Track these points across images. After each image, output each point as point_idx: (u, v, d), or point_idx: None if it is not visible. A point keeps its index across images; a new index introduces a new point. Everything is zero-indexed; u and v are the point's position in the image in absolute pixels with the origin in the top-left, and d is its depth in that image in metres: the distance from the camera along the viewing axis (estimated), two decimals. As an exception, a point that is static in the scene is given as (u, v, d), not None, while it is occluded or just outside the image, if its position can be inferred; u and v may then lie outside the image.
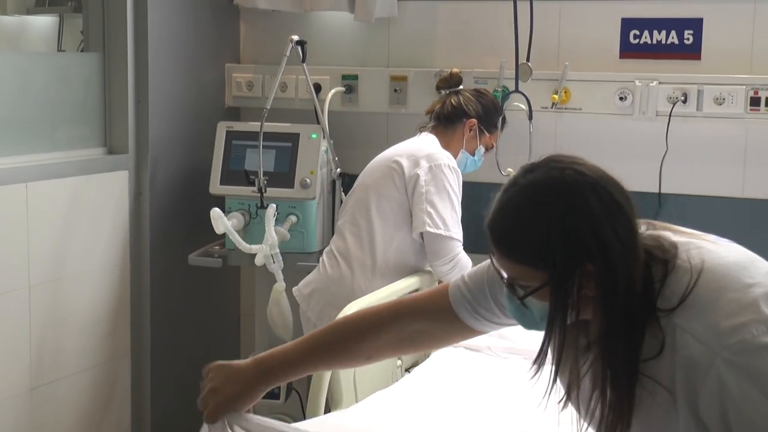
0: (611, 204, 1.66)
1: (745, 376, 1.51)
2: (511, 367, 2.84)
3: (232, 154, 3.63)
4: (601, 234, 1.63)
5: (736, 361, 1.51)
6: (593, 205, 1.65)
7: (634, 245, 1.64)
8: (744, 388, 1.50)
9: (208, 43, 3.92)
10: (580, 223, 1.63)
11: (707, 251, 1.66)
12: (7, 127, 3.19)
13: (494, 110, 3.39)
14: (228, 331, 4.14)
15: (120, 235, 3.53)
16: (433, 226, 3.14)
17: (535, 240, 1.66)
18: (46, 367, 3.24)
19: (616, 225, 1.64)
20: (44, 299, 3.22)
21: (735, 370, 1.51)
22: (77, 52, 3.57)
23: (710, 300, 1.58)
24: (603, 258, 1.61)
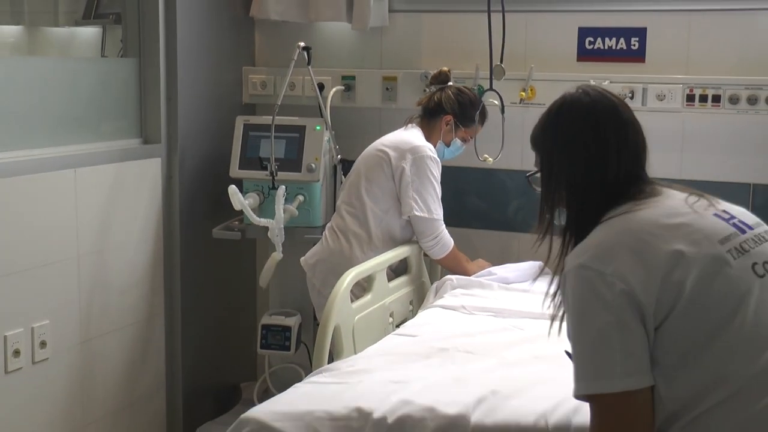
0: (593, 140, 1.86)
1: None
2: (480, 321, 2.89)
3: (249, 144, 3.64)
4: (563, 147, 1.88)
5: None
6: (573, 131, 1.87)
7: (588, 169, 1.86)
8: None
9: (227, 48, 3.92)
10: (556, 134, 1.90)
11: (630, 214, 1.80)
12: (59, 121, 3.20)
13: (471, 107, 3.38)
14: (246, 293, 4.15)
15: (154, 213, 3.54)
16: (419, 210, 3.19)
17: (537, 132, 1.94)
18: (93, 324, 3.26)
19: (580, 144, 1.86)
20: (91, 266, 3.24)
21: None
22: (117, 58, 3.58)
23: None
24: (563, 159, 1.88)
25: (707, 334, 1.67)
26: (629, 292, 1.67)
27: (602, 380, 1.67)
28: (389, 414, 2.11)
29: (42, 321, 3.02)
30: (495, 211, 3.80)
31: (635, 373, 1.66)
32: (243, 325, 4.07)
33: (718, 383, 1.65)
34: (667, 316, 1.68)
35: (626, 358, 1.66)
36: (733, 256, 1.73)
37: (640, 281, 1.68)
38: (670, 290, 1.68)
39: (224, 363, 3.96)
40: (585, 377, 1.70)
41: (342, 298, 2.77)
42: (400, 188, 3.22)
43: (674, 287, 1.68)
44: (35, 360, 3.01)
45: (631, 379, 1.65)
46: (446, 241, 3.28)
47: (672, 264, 1.68)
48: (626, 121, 1.89)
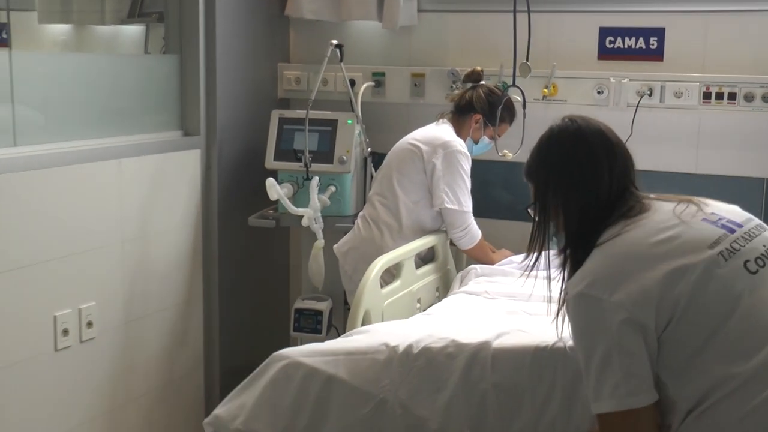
0: (585, 160, 1.90)
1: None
2: (501, 305, 2.90)
3: (283, 136, 3.65)
4: (561, 176, 1.92)
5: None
6: (565, 156, 1.92)
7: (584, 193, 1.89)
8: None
9: (263, 46, 3.94)
10: (550, 161, 1.94)
11: (622, 236, 1.83)
12: (105, 114, 3.23)
13: (502, 109, 3.35)
14: (280, 279, 4.17)
15: (193, 201, 3.56)
16: (449, 202, 3.20)
17: (530, 163, 1.98)
18: (136, 306, 3.30)
19: (576, 172, 1.90)
20: (134, 252, 3.27)
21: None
22: (160, 55, 3.60)
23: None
24: (559, 190, 1.92)
25: (706, 337, 1.71)
26: (628, 317, 1.72)
27: (610, 400, 1.72)
28: (415, 344, 2.15)
29: (89, 302, 3.06)
30: (517, 203, 3.80)
31: (638, 392, 1.71)
32: (277, 309, 4.09)
33: (722, 381, 1.69)
34: (667, 326, 1.73)
35: (629, 379, 1.71)
36: (724, 257, 1.75)
37: (638, 304, 1.72)
38: (667, 305, 1.72)
39: (259, 344, 3.96)
40: (595, 400, 1.76)
41: (372, 284, 2.78)
42: (431, 181, 3.23)
43: (671, 301, 1.72)
44: (82, 339, 3.04)
45: (634, 398, 1.71)
46: (474, 233, 3.29)
47: (666, 281, 1.72)
48: (613, 141, 1.95)
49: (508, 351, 2.08)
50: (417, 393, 2.12)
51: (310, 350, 2.25)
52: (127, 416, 3.30)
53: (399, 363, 2.15)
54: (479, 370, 2.08)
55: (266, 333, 4.03)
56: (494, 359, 2.07)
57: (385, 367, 2.15)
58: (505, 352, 2.08)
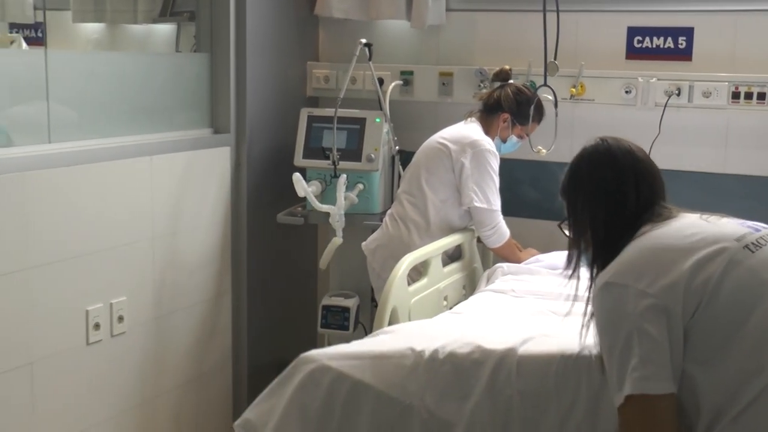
0: (612, 178, 1.94)
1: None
2: (527, 303, 2.89)
3: (312, 134, 3.66)
4: (589, 196, 1.95)
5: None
6: (594, 174, 1.95)
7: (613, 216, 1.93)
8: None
9: (292, 45, 3.95)
10: (580, 179, 1.97)
11: (649, 233, 1.87)
12: (137, 111, 3.25)
13: (528, 107, 3.34)
14: (307, 276, 4.17)
15: (223, 198, 3.57)
16: (478, 201, 3.20)
17: (563, 181, 2.00)
18: (165, 301, 3.31)
19: (606, 194, 1.94)
20: (164, 247, 3.28)
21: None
22: (191, 53, 3.62)
23: None
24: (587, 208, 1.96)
25: (736, 324, 1.71)
26: (653, 302, 1.72)
27: (626, 384, 1.72)
28: (440, 349, 2.16)
29: (120, 297, 3.08)
30: (544, 201, 3.80)
31: (653, 378, 1.71)
32: (304, 305, 4.10)
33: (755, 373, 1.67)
34: (695, 312, 1.72)
35: (646, 364, 1.71)
36: (750, 249, 1.77)
37: (664, 288, 1.73)
38: (696, 290, 1.72)
39: (286, 340, 3.98)
40: (616, 389, 1.75)
41: (400, 281, 2.79)
42: (460, 181, 3.23)
43: (699, 286, 1.73)
44: (113, 333, 3.07)
45: (649, 383, 1.70)
46: (503, 231, 3.29)
47: (694, 267, 1.73)
48: (642, 160, 1.98)
49: (534, 358, 2.08)
50: (443, 398, 2.13)
51: (337, 353, 2.26)
52: (156, 410, 3.32)
53: (425, 368, 2.16)
54: (505, 376, 2.09)
55: (294, 329, 4.04)
56: (520, 366, 2.08)
57: (411, 373, 2.16)
58: (530, 360, 2.08)
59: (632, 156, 1.97)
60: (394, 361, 2.17)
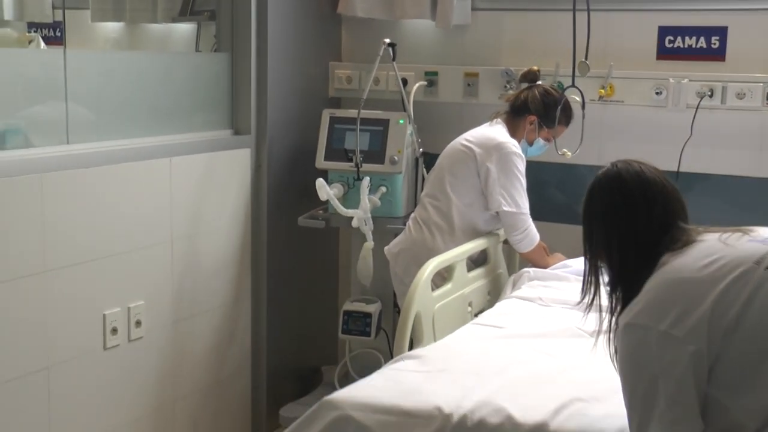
0: (621, 203, 1.93)
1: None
2: (555, 312, 2.86)
3: (334, 136, 3.65)
4: (608, 226, 1.94)
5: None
6: (604, 200, 1.95)
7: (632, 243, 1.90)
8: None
9: (315, 44, 3.94)
10: (592, 207, 1.98)
11: (668, 266, 1.84)
12: (156, 112, 3.25)
13: (556, 109, 3.30)
14: (328, 280, 4.16)
15: (243, 200, 3.57)
16: (507, 205, 3.17)
17: (581, 209, 2.01)
18: (184, 305, 3.31)
19: (623, 222, 1.92)
20: (183, 251, 3.28)
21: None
22: (211, 53, 3.62)
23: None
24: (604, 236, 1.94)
25: (763, 351, 1.70)
26: (676, 343, 1.71)
27: (649, 428, 1.72)
28: (469, 414, 2.10)
29: (137, 301, 3.08)
30: (571, 205, 3.75)
31: (683, 420, 1.71)
32: (325, 310, 4.09)
33: None
34: (721, 342, 1.72)
35: (673, 407, 1.70)
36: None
37: (687, 331, 1.71)
38: (718, 327, 1.71)
39: (307, 346, 3.98)
40: (637, 427, 1.74)
41: (423, 287, 2.77)
42: (486, 185, 3.20)
43: (722, 323, 1.72)
44: (131, 338, 3.07)
45: (679, 427, 1.71)
46: (533, 235, 3.26)
47: (716, 303, 1.72)
48: (651, 180, 1.95)
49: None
50: None
51: (362, 402, 2.18)
52: (173, 415, 3.31)
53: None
54: None
55: (314, 335, 4.03)
56: None
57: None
58: None
59: (641, 179, 1.94)
60: (420, 423, 2.12)
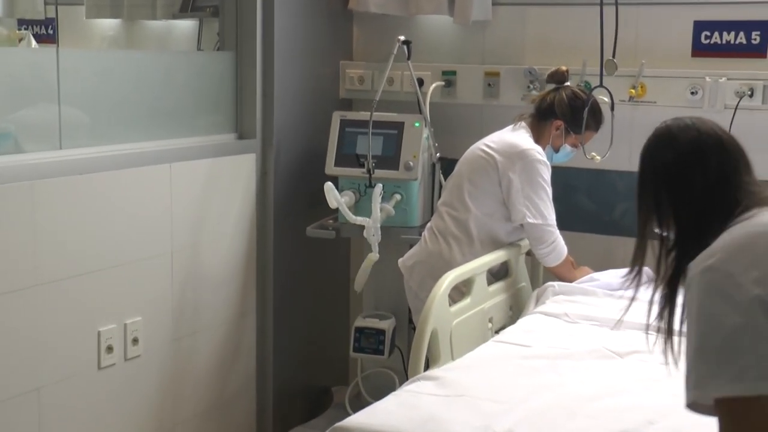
0: (673, 157, 1.91)
1: None
2: (582, 330, 2.84)
3: (345, 140, 3.65)
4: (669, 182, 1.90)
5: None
6: (655, 159, 1.93)
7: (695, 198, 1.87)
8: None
9: (324, 42, 3.94)
10: (645, 172, 1.94)
11: (753, 219, 1.80)
12: (155, 115, 3.25)
13: (583, 113, 3.28)
14: (339, 294, 4.16)
15: (248, 209, 3.57)
16: (532, 217, 3.16)
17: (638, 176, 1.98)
18: (185, 321, 3.31)
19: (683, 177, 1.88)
20: (184, 263, 3.28)
21: None
22: (214, 51, 3.63)
23: None
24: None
25: None
26: (760, 294, 1.65)
27: (735, 383, 1.63)
28: None
29: (135, 317, 3.08)
30: (600, 214, 3.75)
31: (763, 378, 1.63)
32: (336, 327, 4.09)
33: None
34: None
35: (760, 361, 1.62)
36: None
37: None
38: None
39: (316, 365, 3.98)
40: (712, 381, 1.66)
41: (440, 302, 2.76)
42: (509, 196, 3.19)
43: None
44: (127, 357, 3.06)
45: (766, 383, 1.62)
46: (561, 249, 3.25)
47: None
48: (704, 131, 1.94)
49: None
50: None
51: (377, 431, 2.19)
52: (174, 440, 3.32)
53: None
54: None
55: (324, 353, 4.03)
56: None
57: None
58: None
59: (693, 131, 1.91)
60: None
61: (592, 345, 2.68)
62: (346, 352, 3.72)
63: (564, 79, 3.38)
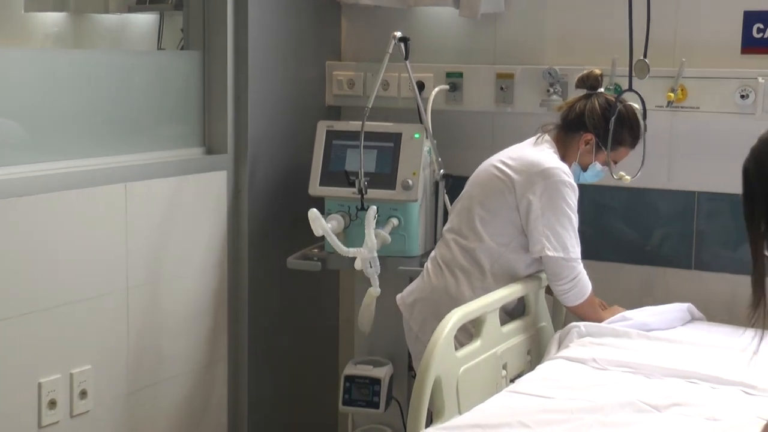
0: None
1: None
2: (613, 378, 2.80)
3: (332, 154, 3.65)
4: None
5: None
6: (762, 171, 1.95)
7: None
8: None
9: (308, 40, 3.94)
10: (750, 187, 1.98)
11: None
12: (107, 125, 3.24)
13: (620, 127, 3.25)
14: (327, 337, 4.16)
15: (218, 237, 3.57)
16: (551, 249, 3.13)
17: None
18: (143, 371, 3.29)
19: None
20: (142, 301, 3.27)
21: None
22: (177, 50, 3.63)
23: None
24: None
25: None
26: None
27: None
28: None
29: (83, 366, 3.07)
30: (636, 240, 3.73)
31: None
32: (322, 376, 4.09)
33: None
34: None
35: None
36: None
37: None
38: None
39: (299, 422, 3.97)
40: None
41: (444, 345, 2.73)
42: (527, 222, 3.16)
43: None
44: (74, 413, 3.05)
45: None
46: (583, 285, 3.21)
47: None
48: None
49: None
50: None
51: None
52: None
53: None
54: None
55: (309, 407, 4.01)
56: None
57: None
58: None
59: None
60: None
61: (624, 396, 2.64)
62: (334, 406, 3.70)
63: (597, 84, 3.35)
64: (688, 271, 3.64)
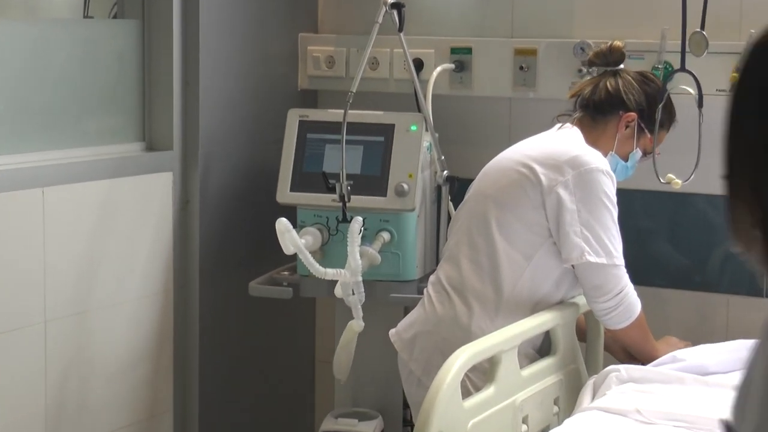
0: None
1: None
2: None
3: (307, 152, 3.66)
4: None
5: None
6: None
7: None
8: None
9: (276, 7, 3.97)
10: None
11: None
12: (20, 116, 3.25)
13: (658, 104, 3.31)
14: (300, 383, 4.18)
15: (162, 256, 3.58)
16: (594, 254, 3.12)
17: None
18: (66, 427, 3.29)
19: None
20: (64, 338, 3.27)
21: None
22: (108, 19, 3.64)
23: None
24: None
25: None
26: None
27: None
28: None
29: (-11, 421, 3.07)
30: (688, 261, 3.74)
31: None
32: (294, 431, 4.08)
33: None
34: None
35: None
36: None
37: None
38: None
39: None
40: None
41: (449, 391, 2.73)
42: (558, 222, 3.17)
43: None
44: (-23, 481, 3.07)
45: None
46: (632, 301, 3.22)
47: None
48: None
49: None
50: None
51: None
52: None
53: None
54: None
55: (277, 471, 4.02)
56: None
57: None
58: None
59: None
60: None
61: None
62: (309, 471, 3.72)
63: (621, 60, 3.38)
64: (758, 300, 3.65)
